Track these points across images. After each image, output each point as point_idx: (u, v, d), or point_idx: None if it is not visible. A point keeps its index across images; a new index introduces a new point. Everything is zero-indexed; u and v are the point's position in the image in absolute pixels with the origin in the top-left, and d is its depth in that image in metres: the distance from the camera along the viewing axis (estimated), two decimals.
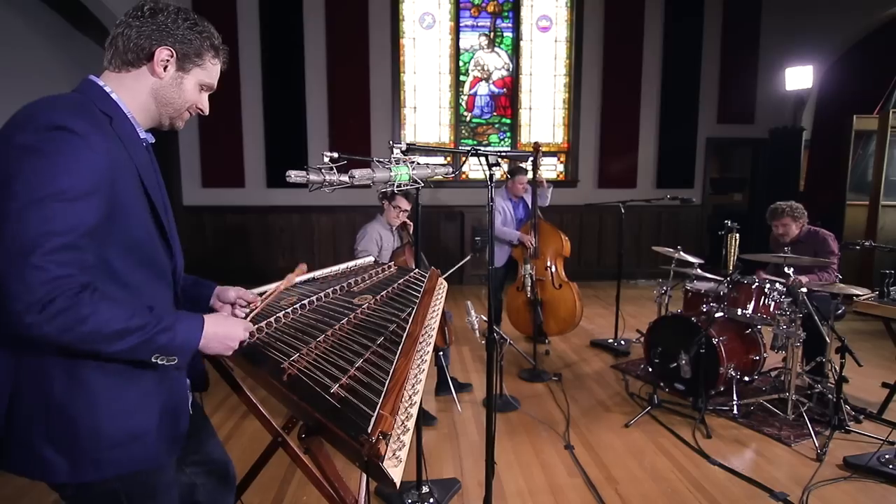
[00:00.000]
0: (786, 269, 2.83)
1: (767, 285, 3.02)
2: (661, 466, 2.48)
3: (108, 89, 1.00)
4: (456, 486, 2.25)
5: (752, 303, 3.05)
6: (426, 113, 6.83)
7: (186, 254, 1.22)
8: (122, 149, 0.96)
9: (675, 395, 3.18)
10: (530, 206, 4.26)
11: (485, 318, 3.71)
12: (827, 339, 2.91)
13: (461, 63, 6.76)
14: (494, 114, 6.92)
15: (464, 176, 6.94)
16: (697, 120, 7.02)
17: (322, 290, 1.61)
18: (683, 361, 3.03)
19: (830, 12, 6.22)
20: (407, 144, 1.31)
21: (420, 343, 1.12)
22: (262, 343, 1.30)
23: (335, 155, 1.64)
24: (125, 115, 1.01)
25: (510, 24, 6.77)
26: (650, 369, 3.33)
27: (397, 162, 1.32)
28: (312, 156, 6.58)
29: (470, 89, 6.86)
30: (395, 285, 1.50)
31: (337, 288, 1.55)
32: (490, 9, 6.72)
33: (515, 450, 2.61)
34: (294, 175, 1.52)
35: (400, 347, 1.08)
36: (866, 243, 2.70)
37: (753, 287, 3.04)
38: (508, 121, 6.92)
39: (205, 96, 1.10)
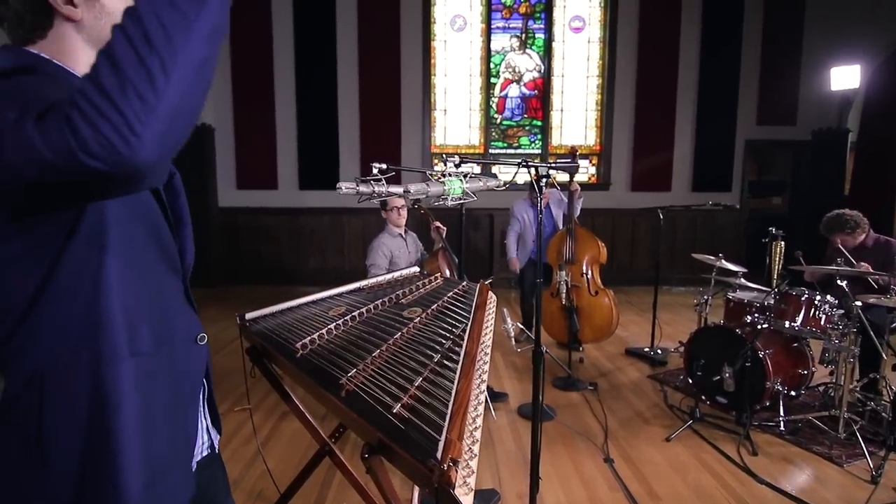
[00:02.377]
0: (838, 282, 2.72)
1: (818, 297, 2.90)
2: (706, 483, 2.40)
3: (45, 55, 0.75)
4: (495, 498, 2.23)
5: (801, 315, 2.93)
6: (456, 115, 6.82)
7: (221, 255, 1.00)
8: None
9: (717, 409, 3.08)
10: (554, 217, 4.21)
11: (521, 326, 3.66)
12: (883, 354, 2.78)
13: (492, 65, 6.73)
14: (525, 116, 6.86)
15: None
16: (736, 121, 6.82)
17: (370, 301, 1.61)
18: (727, 374, 2.93)
19: (878, 9, 5.95)
20: (460, 157, 1.30)
21: (478, 362, 1.11)
22: (315, 355, 1.31)
23: (384, 166, 1.64)
24: (76, 76, 0.77)
25: (542, 26, 6.70)
26: (690, 380, 3.24)
27: (450, 175, 1.31)
28: (343, 157, 6.65)
29: (501, 91, 6.82)
30: (445, 298, 1.49)
31: (385, 300, 1.55)
32: (522, 10, 6.67)
33: (553, 461, 2.56)
34: (345, 187, 1.53)
35: (459, 366, 1.07)
36: None
37: (803, 299, 2.92)
38: (539, 123, 6.86)
39: None
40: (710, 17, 6.56)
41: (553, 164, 1.69)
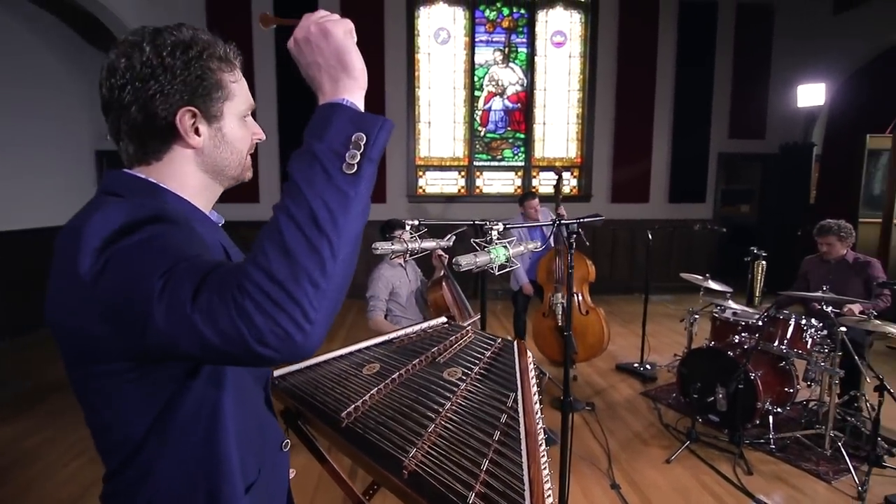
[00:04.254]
0: (824, 307, 2.87)
1: (804, 320, 3.06)
2: None
3: (151, 179, 0.75)
4: None
5: (788, 337, 3.09)
6: (441, 128, 6.83)
7: None
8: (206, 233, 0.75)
9: (709, 426, 3.21)
10: (546, 231, 4.30)
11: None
12: (864, 371, 2.96)
13: (476, 78, 6.77)
14: (508, 129, 6.94)
15: (478, 190, 6.96)
16: (709, 135, 7.09)
17: (403, 356, 1.62)
18: (720, 395, 3.06)
19: (842, 31, 6.29)
20: (504, 225, 1.33)
21: (539, 438, 1.13)
22: (361, 425, 1.30)
23: (416, 222, 1.66)
24: (183, 199, 0.77)
25: (525, 40, 6.78)
26: (683, 399, 3.37)
27: (495, 243, 1.33)
28: None
29: (484, 104, 6.87)
30: (485, 358, 1.51)
31: (422, 358, 1.55)
32: (505, 24, 6.74)
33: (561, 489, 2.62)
34: (381, 248, 1.54)
35: (524, 448, 1.09)
36: None
37: (790, 322, 3.08)
38: (522, 136, 6.95)
39: (251, 121, 0.86)
40: (685, 37, 6.79)
41: (581, 220, 1.74)
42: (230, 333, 0.54)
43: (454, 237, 1.72)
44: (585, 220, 1.79)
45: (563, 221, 1.60)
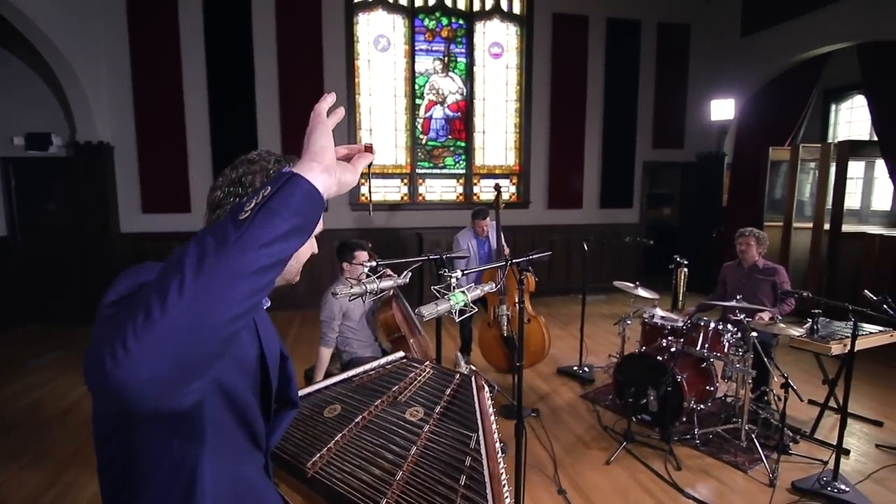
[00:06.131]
0: (738, 315, 3.20)
1: (721, 326, 3.40)
2: (644, 503, 2.73)
3: None
4: None
5: (709, 341, 3.41)
6: (382, 135, 6.81)
7: None
8: None
9: (643, 425, 3.48)
10: (494, 244, 4.48)
11: (473, 368, 3.80)
12: (771, 370, 3.34)
13: (416, 86, 6.81)
14: (449, 137, 7.04)
15: (420, 198, 7.01)
16: (635, 145, 7.57)
17: (363, 396, 1.65)
18: (651, 397, 3.33)
19: (748, 53, 6.94)
20: (461, 271, 1.40)
21: (502, 479, 1.22)
22: (327, 475, 1.33)
23: (374, 263, 1.69)
24: None
25: (464, 50, 6.90)
26: (619, 401, 3.62)
27: (453, 289, 1.40)
28: None
29: (425, 112, 6.92)
30: (444, 396, 1.57)
31: (384, 398, 1.59)
32: (444, 34, 6.82)
33: (512, 496, 2.75)
34: (341, 293, 1.57)
35: (489, 492, 1.17)
36: (804, 294, 3.13)
37: (710, 328, 3.40)
38: (463, 144, 7.08)
39: (313, 239, 0.95)
40: (613, 53, 7.23)
41: (530, 258, 1.85)
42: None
43: (410, 273, 1.77)
44: (534, 256, 1.91)
45: (514, 261, 1.70)
